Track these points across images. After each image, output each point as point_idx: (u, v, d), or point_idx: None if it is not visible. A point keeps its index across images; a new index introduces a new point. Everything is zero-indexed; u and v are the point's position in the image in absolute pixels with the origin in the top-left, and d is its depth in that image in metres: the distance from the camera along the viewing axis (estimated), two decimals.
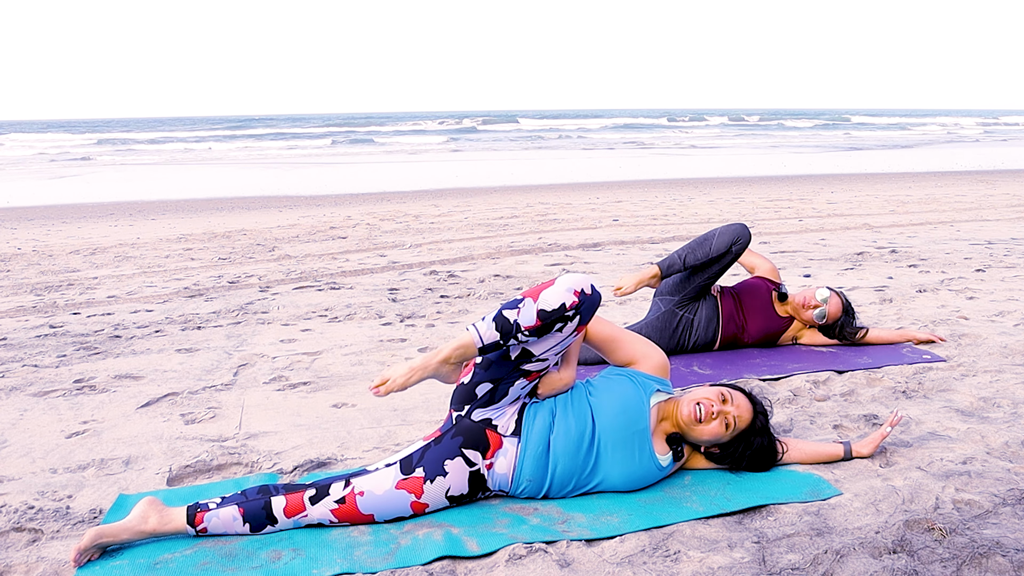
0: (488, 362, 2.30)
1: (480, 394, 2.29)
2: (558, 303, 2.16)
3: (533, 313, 2.17)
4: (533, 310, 2.17)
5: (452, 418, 2.34)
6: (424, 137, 36.56)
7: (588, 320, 2.25)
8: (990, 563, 1.94)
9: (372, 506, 2.20)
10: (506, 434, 2.30)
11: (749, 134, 37.87)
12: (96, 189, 15.51)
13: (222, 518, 2.14)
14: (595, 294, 2.23)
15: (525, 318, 2.17)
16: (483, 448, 2.28)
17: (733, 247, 3.62)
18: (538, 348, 2.25)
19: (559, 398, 2.39)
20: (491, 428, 2.30)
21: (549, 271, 6.08)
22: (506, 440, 2.30)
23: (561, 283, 2.20)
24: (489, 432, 2.30)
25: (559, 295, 2.17)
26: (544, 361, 2.28)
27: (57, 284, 6.10)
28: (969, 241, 7.22)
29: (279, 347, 4.10)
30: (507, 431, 2.30)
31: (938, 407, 3.06)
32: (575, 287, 2.19)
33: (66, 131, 47.33)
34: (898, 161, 20.73)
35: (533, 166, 19.98)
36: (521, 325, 2.17)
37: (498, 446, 2.29)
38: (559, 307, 2.16)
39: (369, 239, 8.15)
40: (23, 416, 3.16)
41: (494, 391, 2.29)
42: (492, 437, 2.29)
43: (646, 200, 11.54)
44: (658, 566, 1.99)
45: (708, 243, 3.63)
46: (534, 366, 2.28)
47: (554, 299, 2.17)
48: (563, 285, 2.19)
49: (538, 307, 2.17)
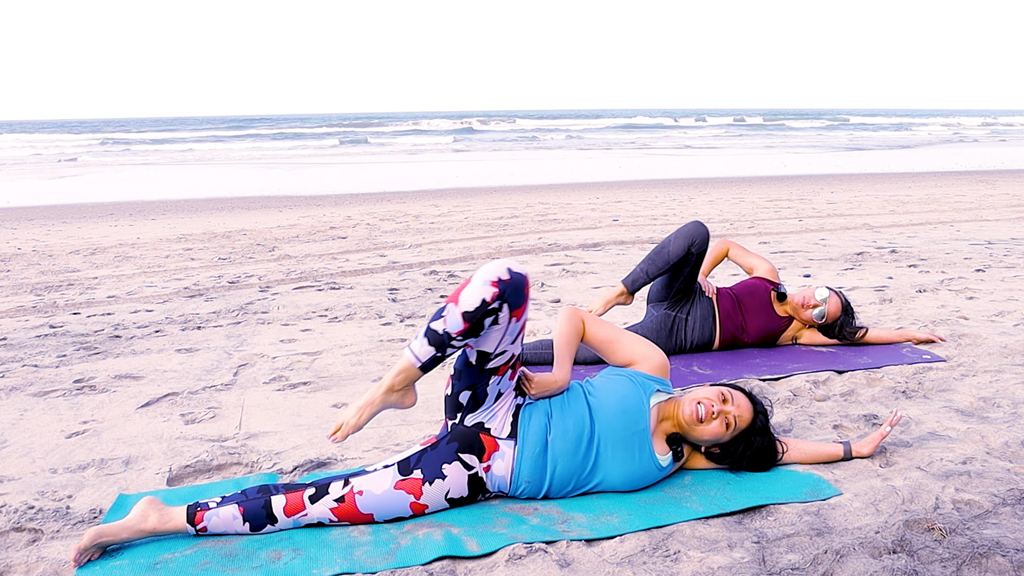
0: (458, 372, 2.28)
1: (464, 401, 2.29)
2: (478, 300, 2.09)
3: (458, 317, 2.11)
4: (457, 314, 2.11)
5: (447, 426, 2.34)
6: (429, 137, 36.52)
7: (520, 303, 2.14)
8: (990, 563, 1.94)
9: (371, 505, 2.20)
10: (501, 437, 2.30)
11: (751, 135, 37.86)
12: (96, 189, 15.51)
13: (222, 517, 2.14)
14: (515, 276, 2.12)
15: (452, 325, 2.11)
16: (479, 452, 2.28)
17: (691, 248, 3.60)
18: (488, 345, 2.19)
19: (555, 399, 2.38)
20: (485, 432, 2.30)
21: (549, 271, 6.09)
22: (502, 443, 2.30)
23: (476, 278, 2.12)
24: (483, 436, 2.29)
25: (476, 292, 2.09)
26: (504, 354, 2.23)
27: (57, 284, 6.10)
28: (969, 241, 7.22)
29: (279, 347, 4.10)
30: (502, 434, 2.30)
31: (938, 407, 3.06)
32: (491, 278, 2.10)
33: (65, 131, 47.30)
34: (898, 161, 20.73)
35: (533, 166, 19.98)
36: (451, 333, 2.12)
37: (494, 449, 2.29)
38: (480, 304, 2.09)
39: (369, 239, 8.15)
40: (23, 416, 3.16)
41: (475, 395, 2.28)
42: (487, 441, 2.29)
43: (646, 200, 11.54)
44: (658, 566, 1.99)
45: (665, 250, 3.62)
46: (497, 361, 2.23)
47: (473, 297, 2.10)
48: (478, 280, 2.11)
49: (460, 310, 2.10)
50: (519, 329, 2.21)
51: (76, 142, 35.33)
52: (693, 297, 3.79)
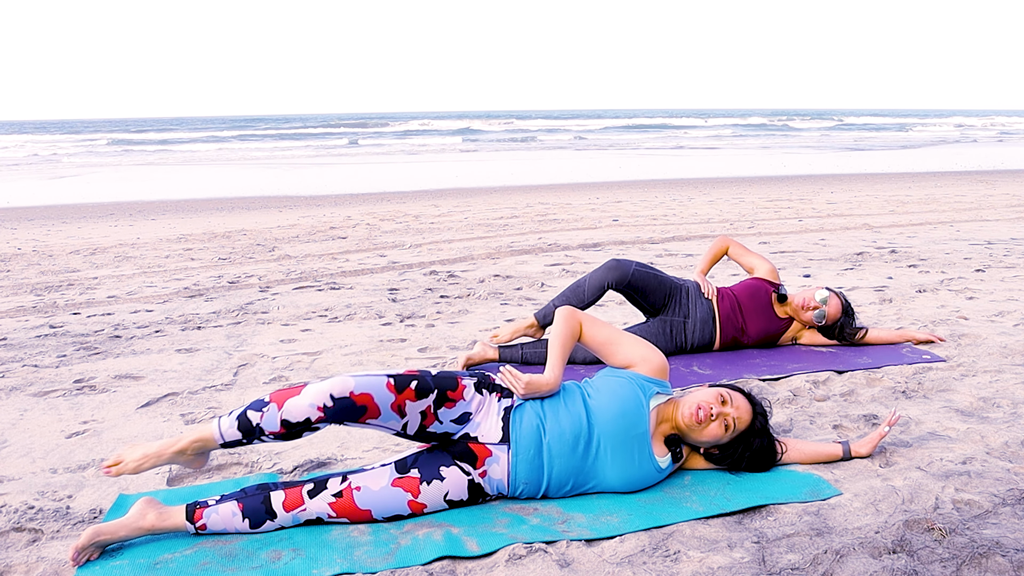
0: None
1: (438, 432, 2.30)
2: (302, 417, 2.12)
3: (276, 421, 2.13)
4: (276, 418, 2.13)
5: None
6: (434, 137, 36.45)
7: (359, 415, 2.16)
8: (990, 563, 1.94)
9: (369, 501, 2.20)
10: (493, 442, 2.30)
11: (753, 135, 37.83)
12: (96, 189, 15.51)
13: (221, 514, 2.14)
14: (339, 401, 2.13)
15: (268, 424, 2.13)
16: (471, 460, 2.29)
17: (607, 287, 3.66)
18: (390, 429, 2.23)
19: (547, 400, 2.38)
20: (473, 441, 2.30)
21: (549, 271, 6.09)
22: (494, 448, 2.30)
23: (306, 395, 2.14)
24: (473, 445, 2.30)
25: (303, 409, 2.12)
26: (409, 423, 2.23)
27: (57, 284, 6.10)
28: (969, 241, 7.22)
29: (279, 347, 4.10)
30: (493, 440, 2.30)
31: (938, 407, 3.06)
32: (318, 402, 2.12)
33: (65, 132, 47.29)
34: (898, 161, 20.74)
35: (533, 166, 19.98)
36: (264, 430, 2.14)
37: (487, 455, 2.29)
38: (304, 420, 2.13)
39: (369, 239, 8.15)
40: (23, 416, 3.16)
41: (435, 439, 2.30)
42: (477, 449, 2.29)
43: (646, 200, 11.54)
44: (658, 566, 1.99)
45: (581, 289, 3.67)
46: (415, 425, 2.24)
47: (298, 412, 2.12)
48: (307, 399, 2.13)
49: (281, 416, 2.13)
50: (395, 411, 2.20)
51: (76, 142, 35.32)
52: (683, 301, 3.79)
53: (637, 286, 3.70)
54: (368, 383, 2.17)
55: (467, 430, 2.30)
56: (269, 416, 2.14)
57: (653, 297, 3.74)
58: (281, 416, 2.13)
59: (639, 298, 3.75)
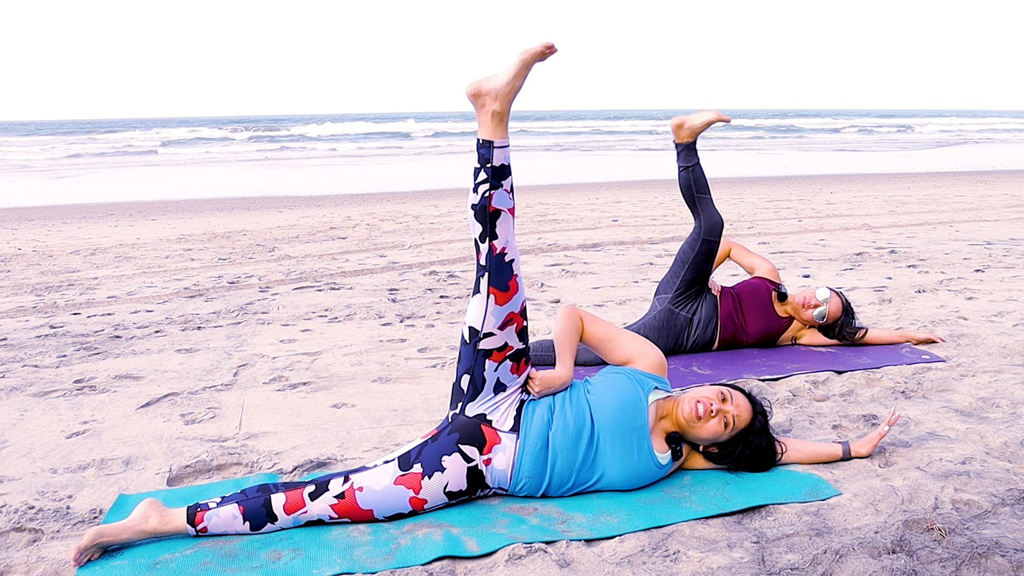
0: (459, 353, 2.36)
1: (465, 387, 2.34)
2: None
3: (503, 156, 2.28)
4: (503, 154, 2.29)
5: (448, 416, 2.36)
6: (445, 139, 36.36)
7: (502, 284, 2.26)
8: (989, 563, 1.94)
9: (371, 502, 2.20)
10: (503, 430, 2.31)
11: (753, 136, 37.79)
12: (96, 189, 15.51)
13: (222, 517, 2.14)
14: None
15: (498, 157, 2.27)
16: (480, 444, 2.29)
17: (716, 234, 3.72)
18: (474, 319, 2.29)
19: (557, 396, 2.40)
20: (486, 423, 2.31)
21: (549, 271, 6.09)
22: (504, 436, 2.31)
23: None
24: (484, 427, 2.31)
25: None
26: (493, 337, 2.29)
27: (57, 284, 6.10)
28: (968, 241, 7.23)
29: (279, 347, 4.11)
30: (504, 427, 2.31)
31: (937, 407, 3.06)
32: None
33: (65, 132, 47.29)
34: (897, 161, 20.74)
35: (533, 166, 19.99)
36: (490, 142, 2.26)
37: (495, 441, 2.30)
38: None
39: (369, 239, 8.15)
40: (23, 416, 3.17)
41: (473, 380, 2.32)
42: (488, 432, 2.30)
43: (646, 200, 11.55)
44: (657, 566, 1.99)
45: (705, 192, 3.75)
46: (488, 343, 2.29)
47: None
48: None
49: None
50: (504, 317, 2.28)
51: (77, 142, 35.31)
52: (700, 297, 3.81)
53: (713, 252, 3.73)
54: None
55: (485, 409, 2.32)
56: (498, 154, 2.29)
57: (701, 272, 3.75)
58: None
59: (707, 264, 3.74)
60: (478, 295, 2.29)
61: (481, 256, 2.29)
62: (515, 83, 2.25)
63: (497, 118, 2.26)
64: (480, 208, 2.26)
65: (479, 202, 2.26)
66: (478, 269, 2.31)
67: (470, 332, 2.31)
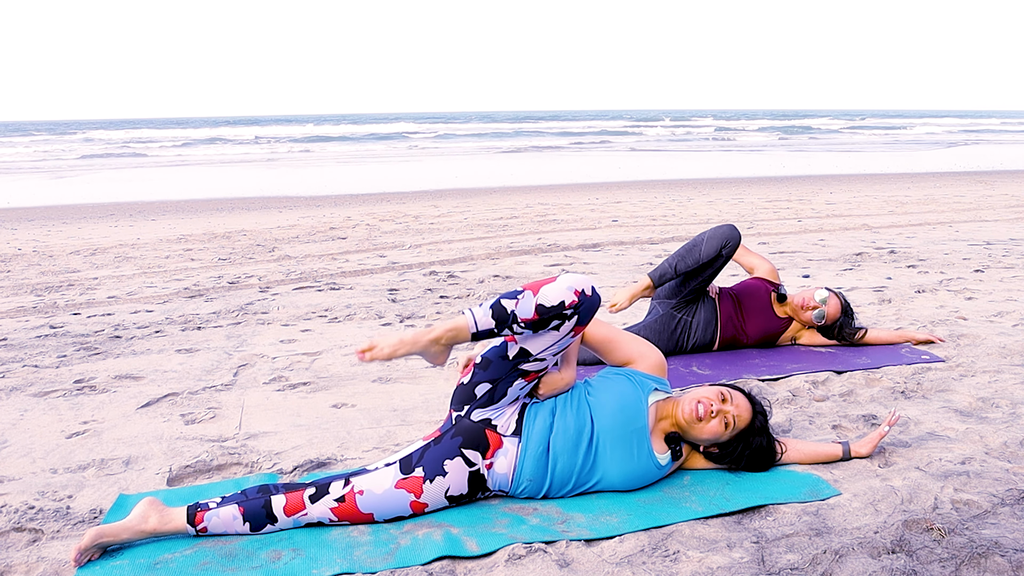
0: (487, 362, 2.29)
1: (479, 394, 2.29)
2: (557, 300, 2.16)
3: (531, 306, 2.16)
4: (532, 303, 2.16)
5: (452, 418, 2.34)
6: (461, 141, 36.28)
7: (586, 321, 2.23)
8: (988, 563, 1.94)
9: (371, 505, 2.20)
10: (506, 434, 2.31)
11: (755, 136, 37.79)
12: (96, 189, 15.52)
13: (222, 517, 2.14)
14: (595, 296, 2.21)
15: (523, 310, 2.16)
16: (483, 448, 2.29)
17: (723, 251, 3.60)
18: (535, 346, 2.24)
19: (559, 398, 2.39)
20: (491, 428, 2.30)
21: (548, 271, 6.09)
22: (506, 440, 2.30)
23: (563, 281, 2.19)
24: (488, 432, 2.30)
25: (559, 292, 2.16)
26: (542, 361, 2.27)
27: (57, 284, 6.10)
28: (968, 241, 7.23)
29: (279, 347, 4.11)
30: (507, 431, 2.31)
31: (937, 407, 3.06)
32: (576, 287, 2.17)
33: (66, 132, 47.29)
34: (897, 162, 20.74)
35: (533, 166, 19.99)
36: (518, 316, 2.16)
37: (498, 446, 2.30)
38: (558, 304, 2.15)
39: (369, 240, 8.15)
40: (23, 416, 3.17)
41: (493, 391, 2.29)
42: (492, 437, 2.30)
43: (645, 201, 11.55)
44: (657, 566, 1.99)
45: (697, 249, 3.62)
46: (532, 366, 2.27)
47: (554, 296, 2.16)
48: (564, 283, 2.18)
49: (537, 301, 2.16)
50: (567, 345, 2.28)
51: (77, 142, 35.30)
52: (699, 300, 3.80)
53: (725, 262, 3.66)
54: None
55: (491, 415, 2.31)
56: (524, 303, 2.16)
57: (706, 281, 3.71)
58: (536, 301, 2.15)
59: (708, 273, 3.69)
60: (555, 332, 2.21)
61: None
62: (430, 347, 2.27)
63: (447, 339, 2.26)
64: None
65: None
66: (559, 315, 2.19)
67: (520, 352, 2.25)
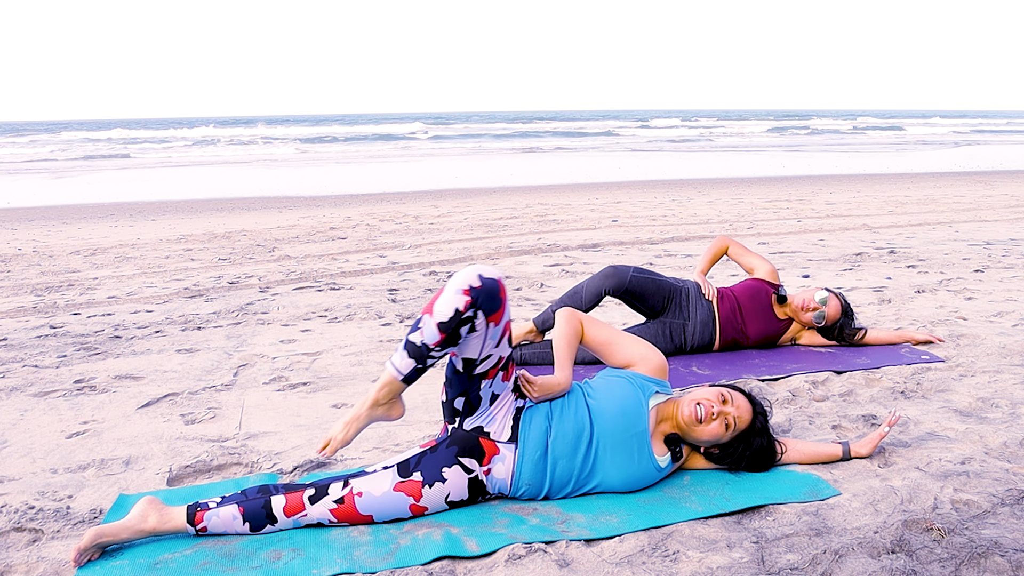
0: (449, 379, 2.28)
1: (460, 407, 2.30)
2: (451, 310, 2.08)
3: (433, 329, 2.10)
4: (432, 325, 2.10)
5: (447, 430, 2.34)
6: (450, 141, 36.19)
7: (496, 309, 2.13)
8: (988, 563, 1.94)
9: (370, 507, 2.20)
10: (502, 440, 2.30)
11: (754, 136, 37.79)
12: (96, 189, 15.52)
13: (222, 517, 2.15)
14: (487, 282, 2.10)
15: (428, 336, 2.11)
16: (478, 456, 2.29)
17: (604, 293, 3.65)
18: (472, 351, 2.19)
19: (556, 401, 2.38)
20: (484, 436, 2.30)
21: (548, 271, 6.09)
22: (502, 446, 2.30)
23: (450, 287, 2.11)
24: (483, 440, 2.30)
25: (450, 301, 2.09)
26: (490, 358, 2.22)
27: (57, 285, 6.10)
28: (967, 242, 7.23)
29: (279, 347, 4.11)
30: (502, 437, 2.30)
31: (936, 407, 3.06)
32: (462, 286, 2.09)
33: (65, 132, 47.27)
34: (896, 162, 20.75)
35: (533, 166, 19.99)
36: (428, 344, 2.12)
37: (494, 452, 2.30)
38: (454, 313, 2.08)
39: (369, 240, 8.16)
40: (23, 416, 3.17)
41: (468, 400, 2.28)
42: (486, 444, 2.30)
43: (645, 201, 11.55)
44: (657, 566, 1.99)
45: (578, 295, 3.65)
46: (486, 365, 2.23)
47: (446, 308, 2.09)
48: (451, 289, 2.10)
49: (435, 321, 2.10)
50: (501, 333, 2.20)
51: (76, 142, 35.30)
52: (683, 303, 3.79)
53: (635, 291, 3.70)
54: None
55: (482, 422, 2.30)
56: (427, 329, 2.11)
57: (652, 301, 3.74)
58: (435, 321, 2.10)
59: (638, 303, 3.76)
60: (475, 333, 2.15)
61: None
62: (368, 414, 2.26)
63: (385, 396, 2.24)
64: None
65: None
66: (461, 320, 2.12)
67: (464, 363, 2.21)
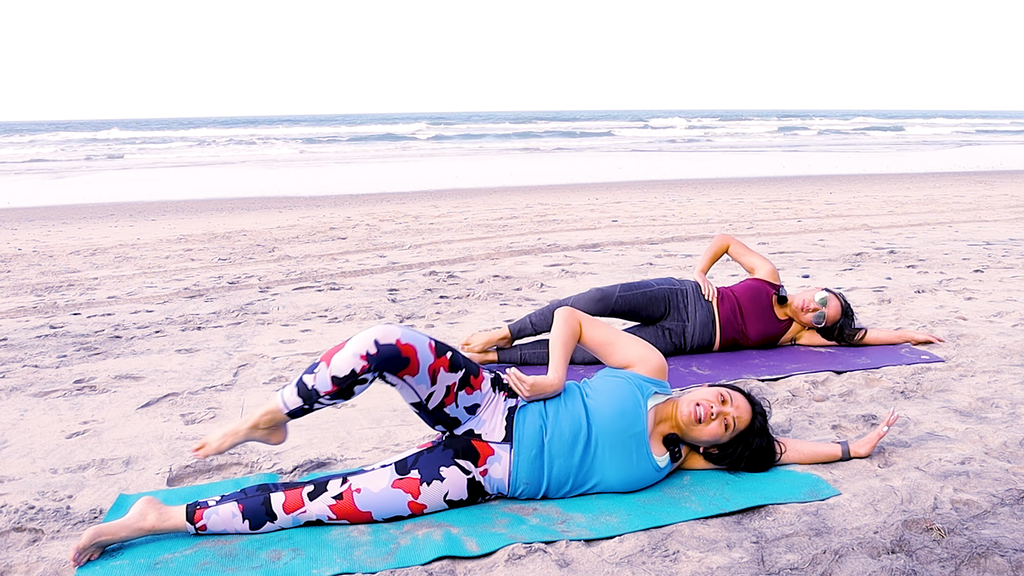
0: (415, 410, 2.30)
1: (443, 429, 2.33)
2: (348, 369, 2.11)
3: (327, 379, 2.13)
4: (327, 376, 2.12)
5: (442, 437, 2.36)
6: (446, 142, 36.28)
7: (397, 369, 2.16)
8: (988, 563, 1.94)
9: (369, 503, 2.20)
10: (496, 441, 2.30)
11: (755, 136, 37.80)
12: (96, 189, 15.52)
13: (221, 515, 2.15)
14: (384, 348, 2.12)
15: (321, 384, 2.13)
16: (473, 458, 2.29)
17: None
18: (410, 397, 2.24)
19: (550, 400, 2.38)
20: (476, 438, 2.31)
21: (548, 271, 6.09)
22: (497, 447, 2.30)
23: (349, 347, 2.13)
24: (476, 443, 2.30)
25: (347, 361, 2.11)
26: (434, 395, 2.22)
27: (57, 285, 6.10)
28: (967, 242, 7.23)
29: (279, 347, 4.11)
30: (496, 438, 2.30)
31: (936, 407, 3.06)
32: (360, 351, 2.11)
33: (65, 132, 47.28)
34: (896, 162, 20.75)
35: (533, 166, 19.99)
36: (319, 391, 2.14)
37: (489, 453, 2.30)
38: (349, 373, 2.11)
39: (369, 240, 8.16)
40: (23, 416, 3.17)
41: (445, 423, 2.30)
42: (480, 446, 2.30)
43: (645, 201, 11.55)
44: (657, 566, 1.99)
45: (549, 315, 3.65)
46: (436, 400, 2.24)
47: (343, 364, 2.11)
48: (350, 349, 2.12)
49: (330, 373, 2.12)
50: (428, 375, 2.20)
51: (76, 142, 35.30)
52: (681, 306, 3.78)
53: (623, 310, 3.70)
54: (413, 336, 2.17)
55: (472, 426, 2.31)
56: (320, 376, 2.14)
57: (647, 312, 3.74)
58: (330, 373, 2.13)
59: (631, 317, 3.76)
60: (396, 386, 2.22)
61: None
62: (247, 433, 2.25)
63: (265, 424, 2.23)
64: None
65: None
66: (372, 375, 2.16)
67: (415, 406, 2.27)
